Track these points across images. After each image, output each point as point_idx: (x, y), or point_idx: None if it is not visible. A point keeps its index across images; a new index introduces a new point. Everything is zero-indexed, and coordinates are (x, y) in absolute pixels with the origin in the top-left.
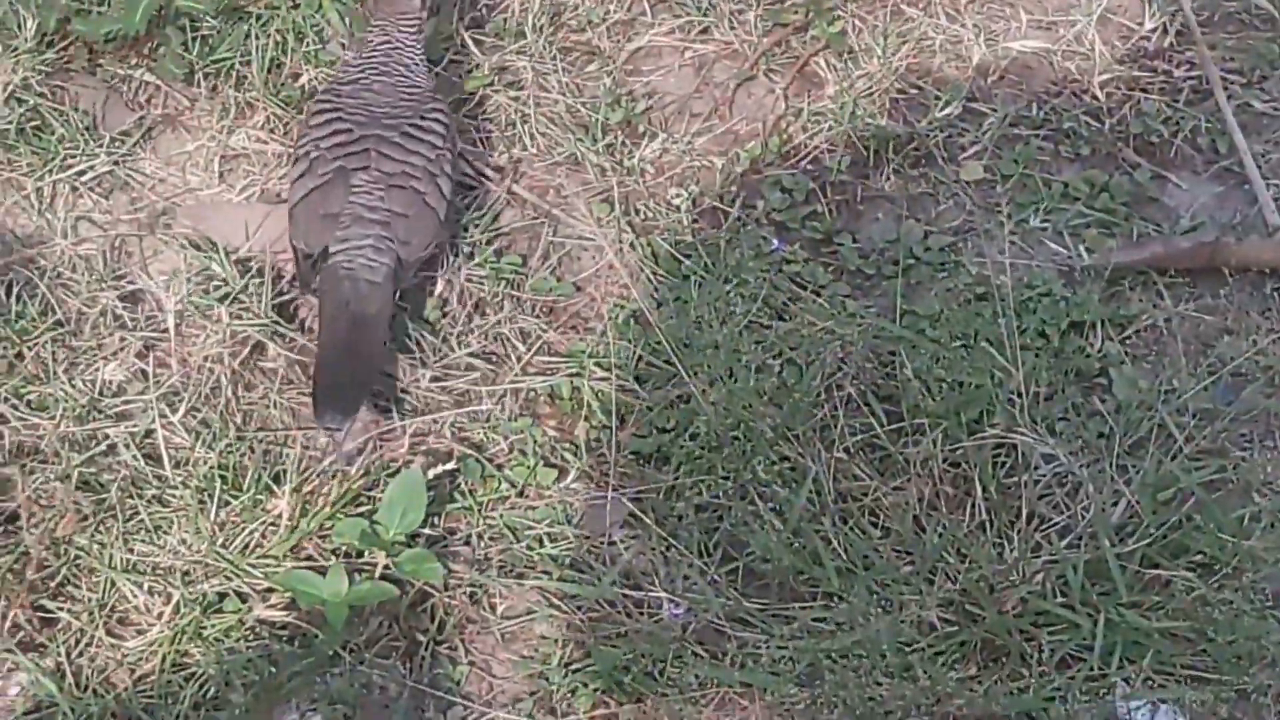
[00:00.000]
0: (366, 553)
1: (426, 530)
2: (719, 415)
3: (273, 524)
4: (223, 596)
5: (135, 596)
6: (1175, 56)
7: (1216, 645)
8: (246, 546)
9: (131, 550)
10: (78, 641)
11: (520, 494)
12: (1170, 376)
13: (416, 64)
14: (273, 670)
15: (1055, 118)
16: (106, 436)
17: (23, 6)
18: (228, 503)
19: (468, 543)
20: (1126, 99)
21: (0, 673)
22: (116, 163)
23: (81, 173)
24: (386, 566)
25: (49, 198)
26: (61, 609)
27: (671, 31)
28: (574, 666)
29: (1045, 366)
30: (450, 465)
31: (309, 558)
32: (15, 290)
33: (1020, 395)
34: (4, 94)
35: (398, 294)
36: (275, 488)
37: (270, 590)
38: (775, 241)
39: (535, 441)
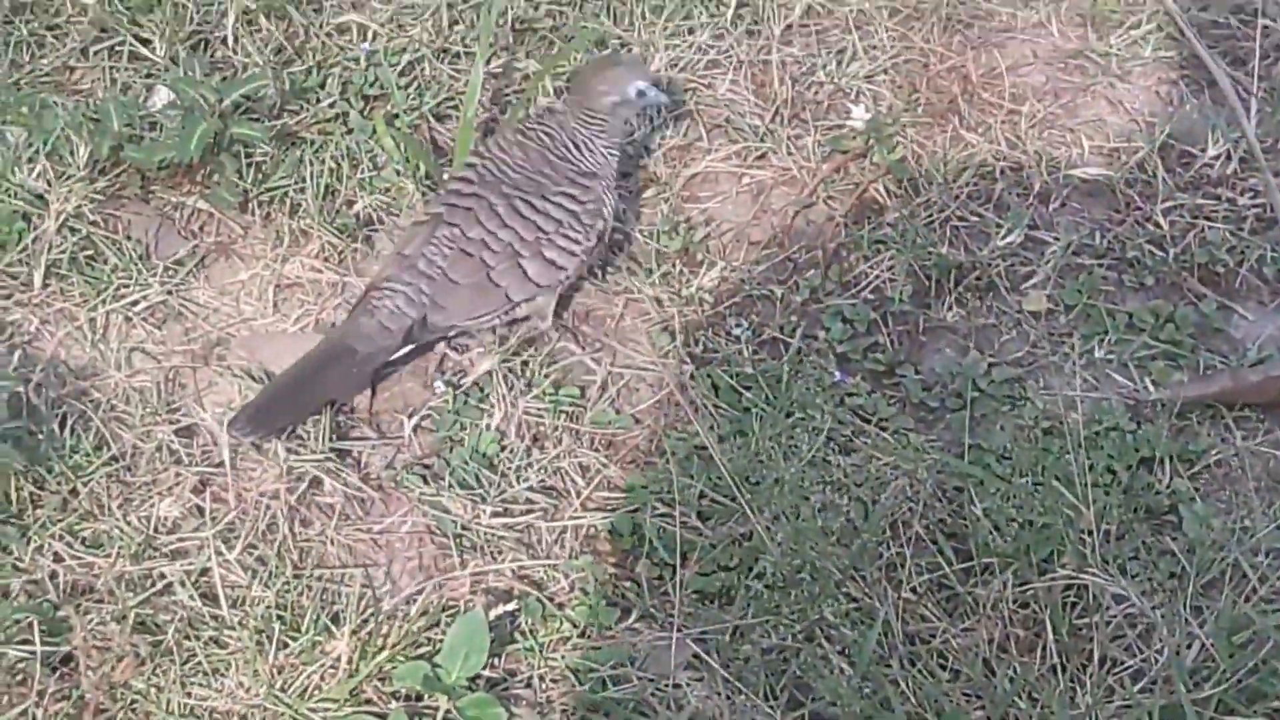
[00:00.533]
0: (428, 696)
1: (486, 672)
2: (785, 554)
3: (332, 666)
4: None
5: None
6: (1239, 184)
7: None
8: (305, 690)
9: (189, 694)
10: None
11: (582, 634)
12: (1243, 515)
13: (591, 149)
14: None
15: (1118, 246)
16: (162, 575)
17: (75, 133)
18: (286, 644)
19: (529, 685)
20: (1190, 227)
21: None
22: (170, 292)
23: (135, 303)
24: (448, 711)
25: (102, 328)
26: None
27: (728, 158)
28: None
29: (1115, 504)
30: (511, 606)
31: (369, 701)
32: (69, 423)
33: (1090, 534)
34: (57, 223)
35: (403, 349)
36: (334, 629)
37: None
38: (838, 373)
39: (596, 580)
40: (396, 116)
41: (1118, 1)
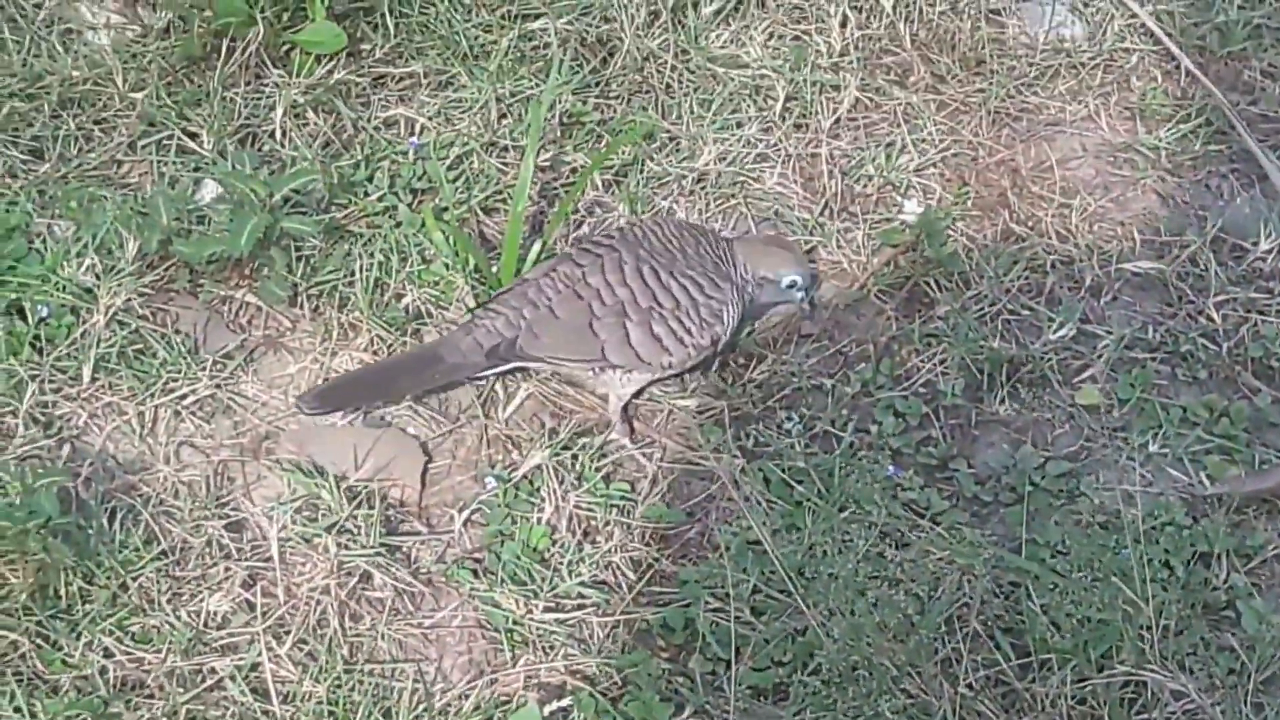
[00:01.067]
0: None
1: None
2: (840, 650)
3: None
4: None
5: None
6: None
7: None
8: None
9: None
10: None
11: None
12: None
13: (732, 273)
14: None
15: (1171, 340)
16: (213, 671)
17: (123, 227)
18: None
19: None
20: (1243, 321)
21: None
22: (218, 386)
23: (183, 396)
24: None
25: (151, 422)
26: None
27: None
28: None
29: (1174, 600)
30: (565, 702)
31: None
32: (118, 518)
33: (1149, 630)
34: (105, 317)
35: (491, 369)
36: None
37: None
38: (891, 467)
39: (650, 675)
40: (445, 210)
41: (1166, 95)
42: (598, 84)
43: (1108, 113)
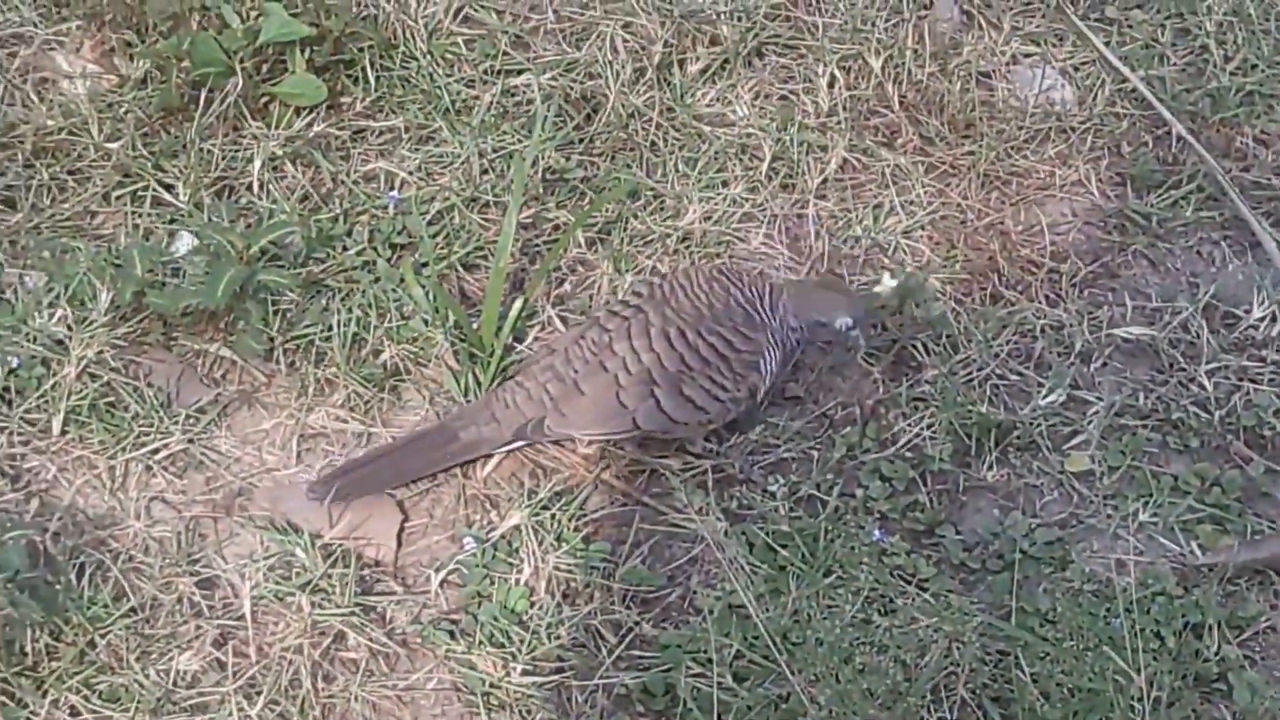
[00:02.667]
0: None
1: None
2: (826, 717)
3: None
4: None
5: None
6: None
7: None
8: None
9: None
10: None
11: None
12: None
13: (768, 320)
14: None
15: (1163, 408)
16: None
17: (96, 279)
18: None
19: None
20: (1235, 389)
21: None
22: (191, 441)
23: (155, 451)
24: None
25: (121, 477)
26: None
27: None
28: None
29: (1165, 671)
30: None
31: None
32: (87, 573)
33: (1140, 701)
34: (77, 369)
35: (513, 445)
36: None
37: None
38: (877, 532)
39: None
40: (425, 265)
41: (1157, 161)
42: (581, 141)
43: (1098, 177)
